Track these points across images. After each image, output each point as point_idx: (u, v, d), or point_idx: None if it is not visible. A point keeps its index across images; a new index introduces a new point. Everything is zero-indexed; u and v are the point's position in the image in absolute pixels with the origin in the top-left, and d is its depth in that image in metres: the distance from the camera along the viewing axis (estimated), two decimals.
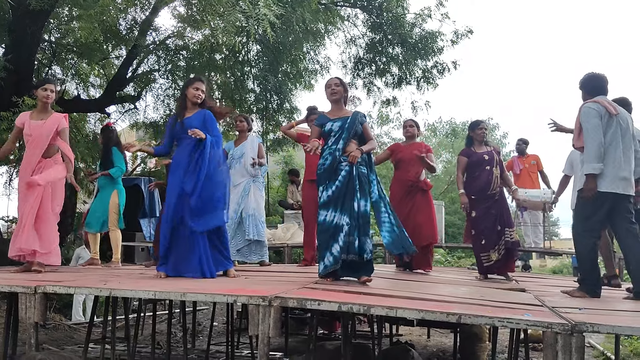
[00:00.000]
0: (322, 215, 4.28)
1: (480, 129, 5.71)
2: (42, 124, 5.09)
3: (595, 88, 4.33)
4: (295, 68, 10.73)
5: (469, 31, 10.51)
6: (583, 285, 4.24)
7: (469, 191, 5.63)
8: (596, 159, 4.04)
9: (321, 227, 4.29)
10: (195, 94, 4.73)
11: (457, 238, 19.33)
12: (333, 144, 4.38)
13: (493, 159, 5.55)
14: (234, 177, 6.31)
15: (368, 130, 4.56)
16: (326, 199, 4.28)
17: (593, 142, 4.06)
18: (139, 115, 11.65)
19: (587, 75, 4.42)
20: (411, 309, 3.03)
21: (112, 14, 7.96)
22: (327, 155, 4.36)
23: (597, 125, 4.07)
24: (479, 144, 5.71)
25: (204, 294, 3.55)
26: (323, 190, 4.31)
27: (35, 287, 3.70)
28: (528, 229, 9.07)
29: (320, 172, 4.36)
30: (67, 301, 8.36)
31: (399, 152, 6.13)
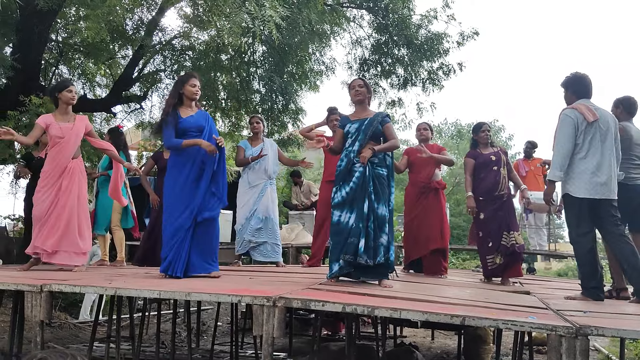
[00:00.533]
0: (337, 215, 4.28)
1: (483, 131, 5.70)
2: (72, 126, 5.18)
3: (578, 90, 4.34)
4: (301, 69, 10.74)
5: (475, 33, 10.50)
6: (585, 290, 4.21)
7: (476, 193, 5.58)
8: (559, 167, 4.17)
9: (336, 228, 4.27)
10: (193, 90, 4.71)
11: (462, 240, 19.32)
12: (350, 145, 4.39)
13: (500, 159, 5.52)
14: (252, 177, 6.37)
15: (391, 131, 4.46)
16: (340, 200, 4.28)
17: (560, 150, 4.18)
18: (144, 115, 11.70)
19: (571, 76, 4.41)
20: (415, 310, 3.03)
21: (118, 14, 8.01)
22: (343, 157, 4.39)
23: (569, 135, 4.14)
24: (484, 145, 5.69)
25: (209, 294, 3.56)
26: (337, 191, 4.32)
27: (41, 286, 3.72)
28: (532, 232, 9.05)
29: (337, 174, 4.39)
30: (73, 300, 8.40)
31: (411, 155, 6.17)
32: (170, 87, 11.18)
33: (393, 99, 11.48)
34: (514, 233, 5.38)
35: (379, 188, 4.27)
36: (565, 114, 4.23)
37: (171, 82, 11.11)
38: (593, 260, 4.17)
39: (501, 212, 5.41)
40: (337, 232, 4.26)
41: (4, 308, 5.58)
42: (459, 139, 29.53)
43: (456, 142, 29.66)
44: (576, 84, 4.36)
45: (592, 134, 4.15)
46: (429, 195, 5.99)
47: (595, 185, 4.11)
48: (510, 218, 5.44)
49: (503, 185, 5.44)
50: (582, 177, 4.13)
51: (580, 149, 4.16)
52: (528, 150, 9.18)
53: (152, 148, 13.81)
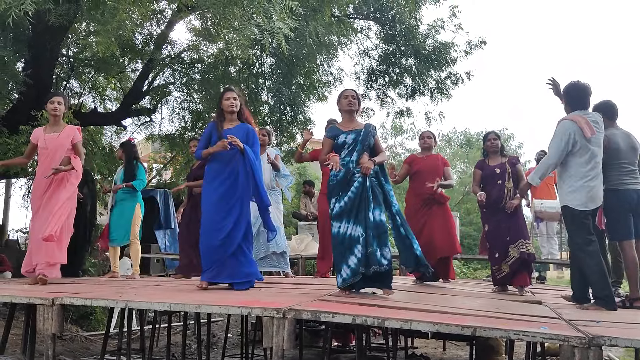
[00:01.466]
0: (336, 227, 4.26)
1: (489, 140, 5.68)
2: (57, 137, 5.18)
3: (576, 99, 4.33)
4: (309, 80, 10.80)
5: (482, 42, 10.52)
6: (598, 300, 4.17)
7: (481, 204, 5.63)
8: (541, 175, 4.37)
9: (335, 239, 4.26)
10: (227, 103, 4.77)
11: (473, 249, 19.18)
12: (346, 155, 4.36)
13: (505, 172, 5.47)
14: None
15: (379, 143, 4.60)
16: (339, 211, 4.26)
17: (547, 162, 4.30)
18: (154, 128, 11.81)
19: (570, 84, 4.40)
20: (426, 321, 3.01)
21: (128, 28, 8.10)
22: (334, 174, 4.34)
23: (561, 149, 4.21)
24: (493, 155, 5.67)
25: (219, 306, 3.56)
26: (335, 202, 4.28)
27: (52, 299, 3.74)
28: (544, 240, 8.98)
29: (332, 184, 4.33)
30: (84, 312, 8.42)
31: (415, 163, 6.11)
32: (179, 99, 11.33)
33: (401, 109, 11.50)
34: (523, 241, 5.34)
35: (378, 196, 4.32)
36: (563, 124, 4.26)
37: (180, 94, 11.24)
38: (601, 270, 4.13)
39: (505, 223, 5.39)
40: (339, 243, 4.23)
41: (16, 321, 5.61)
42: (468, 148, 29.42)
43: (465, 151, 29.55)
44: (571, 94, 4.36)
45: (592, 150, 4.20)
46: (433, 206, 5.93)
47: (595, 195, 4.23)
48: (518, 228, 5.40)
49: (508, 198, 5.41)
50: (583, 190, 4.20)
51: (580, 161, 4.20)
52: (540, 158, 9.12)
53: (162, 160, 13.93)
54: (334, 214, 4.27)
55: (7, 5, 4.65)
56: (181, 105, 11.34)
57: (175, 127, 11.47)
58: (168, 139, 11.61)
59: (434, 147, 6.26)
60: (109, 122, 10.93)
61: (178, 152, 12.27)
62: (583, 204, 4.18)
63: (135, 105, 10.65)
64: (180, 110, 11.36)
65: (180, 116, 11.37)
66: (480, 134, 32.75)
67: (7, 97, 8.17)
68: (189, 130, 11.26)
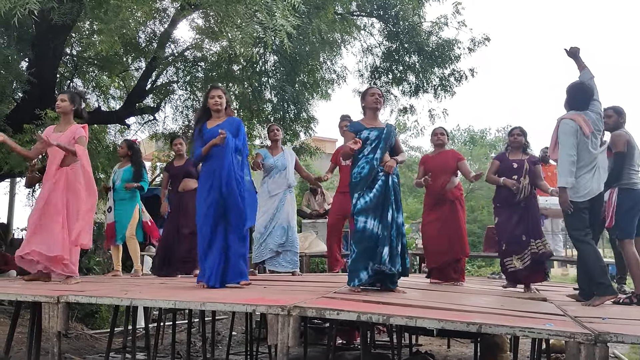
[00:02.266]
0: (362, 222, 4.23)
1: (512, 134, 5.67)
2: (60, 135, 5.14)
3: (577, 100, 4.46)
4: (312, 78, 10.78)
5: (486, 38, 10.47)
6: (599, 290, 4.21)
7: (495, 199, 5.65)
8: (569, 173, 4.31)
9: (361, 234, 4.23)
10: (212, 102, 4.80)
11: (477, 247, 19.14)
12: (370, 152, 4.37)
13: (522, 167, 5.45)
14: (272, 186, 6.37)
15: (399, 143, 4.69)
16: (363, 206, 4.25)
17: (567, 157, 4.30)
18: (158, 126, 11.81)
19: (576, 85, 4.52)
20: (431, 318, 3.01)
21: (132, 27, 8.12)
22: (363, 164, 4.35)
23: (572, 144, 4.29)
24: (515, 150, 5.64)
25: (223, 304, 3.56)
26: (359, 197, 4.28)
27: (58, 297, 3.75)
28: (549, 237, 8.95)
29: (356, 181, 4.33)
30: (89, 310, 8.46)
31: (427, 163, 6.11)
32: (183, 98, 11.33)
33: (405, 106, 11.47)
34: (539, 240, 5.34)
35: (398, 196, 4.40)
36: (565, 123, 4.38)
37: (184, 93, 11.24)
38: (600, 262, 4.28)
39: (516, 216, 5.38)
40: (363, 239, 4.21)
41: (21, 319, 5.63)
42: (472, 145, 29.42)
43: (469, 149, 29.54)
44: (574, 94, 4.49)
45: (589, 143, 4.34)
46: (445, 205, 5.90)
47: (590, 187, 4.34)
48: (532, 224, 5.40)
49: (522, 195, 5.39)
50: (581, 181, 4.33)
51: (580, 156, 4.32)
52: (545, 155, 9.10)
53: (165, 159, 13.94)
54: (357, 209, 4.26)
55: (12, 4, 4.66)
56: (184, 104, 11.35)
57: (179, 126, 11.48)
58: (171, 137, 11.62)
59: (446, 144, 6.25)
60: (113, 121, 10.93)
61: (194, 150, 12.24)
62: (581, 195, 4.31)
63: (138, 104, 10.66)
64: (183, 109, 11.36)
65: (183, 114, 11.37)
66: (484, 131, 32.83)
67: (11, 96, 8.19)
68: (192, 128, 11.25)
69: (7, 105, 7.92)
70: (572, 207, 4.30)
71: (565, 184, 4.33)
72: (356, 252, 4.24)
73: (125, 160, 6.75)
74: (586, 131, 4.31)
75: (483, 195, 25.25)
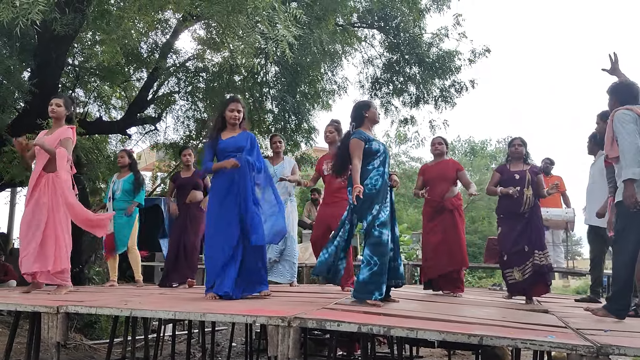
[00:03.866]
0: (385, 234, 4.17)
1: (513, 145, 5.67)
2: (49, 137, 5.11)
3: (626, 95, 4.20)
4: (313, 89, 10.82)
5: (487, 50, 10.52)
6: (609, 303, 4.07)
7: (498, 210, 5.63)
8: (636, 163, 3.86)
9: (384, 247, 4.15)
10: (231, 115, 4.77)
11: (478, 258, 19.10)
12: (380, 165, 4.35)
13: (524, 178, 5.44)
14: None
15: None
16: (385, 218, 4.22)
17: (631, 146, 3.91)
18: (159, 137, 11.83)
19: (620, 83, 4.31)
20: (432, 330, 2.99)
21: (133, 37, 8.16)
22: (377, 177, 4.28)
23: (634, 130, 3.95)
24: (516, 161, 5.64)
25: (223, 314, 3.54)
26: (381, 209, 4.20)
27: (57, 307, 3.74)
28: (550, 248, 8.93)
29: (371, 193, 4.22)
30: (88, 321, 8.42)
31: (426, 173, 6.11)
32: (184, 108, 11.36)
33: (405, 117, 11.50)
34: (540, 252, 5.32)
35: (395, 212, 4.47)
36: (622, 112, 4.04)
37: (185, 103, 11.28)
38: (628, 277, 3.98)
39: (519, 227, 5.36)
40: (385, 252, 4.16)
41: (20, 330, 5.60)
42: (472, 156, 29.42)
43: (470, 160, 29.53)
44: (626, 90, 4.24)
45: None
46: (444, 215, 5.88)
47: None
48: (535, 235, 5.37)
49: (526, 205, 5.38)
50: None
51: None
52: (547, 166, 9.12)
53: (166, 169, 13.95)
54: (381, 221, 4.19)
55: (15, 14, 4.68)
56: (186, 114, 11.39)
57: (180, 136, 11.52)
58: (173, 147, 11.64)
59: (445, 153, 6.23)
60: (114, 131, 10.95)
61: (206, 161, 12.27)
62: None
63: (140, 114, 10.69)
64: (184, 119, 11.40)
65: (184, 125, 11.41)
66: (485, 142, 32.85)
67: (13, 106, 8.21)
68: (193, 138, 11.29)
69: (8, 115, 7.94)
70: (639, 204, 3.84)
71: (632, 175, 3.85)
72: (378, 265, 4.11)
73: (125, 170, 6.78)
74: None
75: (484, 206, 25.20)
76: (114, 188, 6.73)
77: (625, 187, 3.88)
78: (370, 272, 4.11)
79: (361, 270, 4.16)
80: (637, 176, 3.84)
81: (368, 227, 4.19)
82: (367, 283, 4.11)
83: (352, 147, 4.33)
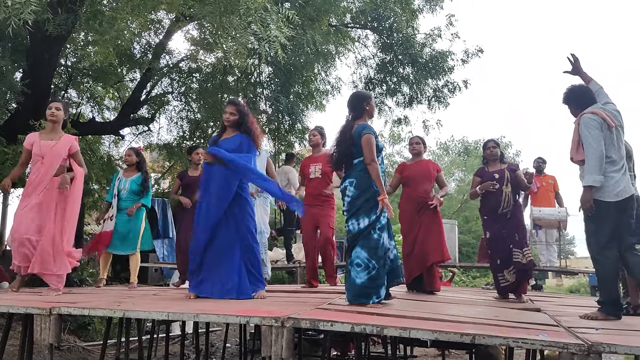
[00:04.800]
0: (384, 237, 4.15)
1: (488, 148, 5.75)
2: (54, 144, 5.08)
3: (582, 98, 4.24)
4: (307, 89, 10.85)
5: (480, 50, 10.60)
6: (603, 306, 4.05)
7: (482, 211, 5.71)
8: (598, 170, 3.92)
9: (383, 250, 4.14)
10: (224, 117, 4.92)
11: (472, 257, 19.18)
12: (381, 163, 4.33)
13: (503, 177, 5.52)
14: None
15: None
16: (384, 222, 4.19)
17: (596, 152, 3.95)
18: (152, 137, 11.83)
19: (569, 90, 4.32)
20: (425, 329, 3.00)
21: (126, 38, 8.13)
22: (381, 175, 4.23)
23: (599, 136, 3.98)
24: (492, 162, 5.71)
25: (217, 315, 3.54)
26: (381, 213, 4.15)
27: (50, 309, 3.72)
28: (543, 248, 8.98)
29: (378, 191, 4.17)
30: (82, 322, 8.38)
31: (406, 170, 6.12)
32: (177, 109, 11.35)
33: (399, 117, 11.55)
34: (523, 250, 5.37)
35: None
36: (587, 117, 4.06)
37: (179, 104, 11.27)
38: (614, 275, 4.02)
39: (505, 230, 5.42)
40: (383, 255, 4.14)
41: (13, 332, 5.57)
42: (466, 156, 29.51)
43: (463, 159, 29.63)
44: (577, 97, 4.28)
45: (614, 138, 4.06)
46: (425, 212, 5.90)
47: (622, 186, 3.99)
48: (517, 234, 5.42)
49: (506, 203, 5.44)
50: (610, 180, 3.99)
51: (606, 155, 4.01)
52: (539, 165, 9.15)
53: (160, 169, 13.93)
54: (382, 224, 4.16)
55: (7, 14, 4.66)
56: (179, 115, 11.38)
57: (174, 136, 11.51)
58: (166, 148, 11.63)
59: (423, 152, 6.26)
60: (107, 132, 10.93)
61: (176, 161, 12.27)
62: (610, 195, 3.96)
63: (133, 115, 10.67)
64: (178, 120, 11.40)
65: (178, 125, 11.41)
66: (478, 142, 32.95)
67: (5, 106, 8.18)
68: (187, 139, 11.28)
69: (1, 115, 7.92)
70: (594, 209, 3.90)
71: (592, 182, 3.90)
72: (377, 269, 4.06)
73: (132, 169, 6.62)
74: (610, 124, 3.99)
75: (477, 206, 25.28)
76: (119, 186, 6.51)
77: (584, 192, 3.95)
78: (369, 275, 4.04)
79: (358, 274, 4.06)
80: (597, 184, 3.92)
81: (367, 228, 4.11)
82: (365, 287, 4.04)
83: (368, 145, 4.13)
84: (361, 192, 4.16)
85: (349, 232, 4.23)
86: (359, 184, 4.17)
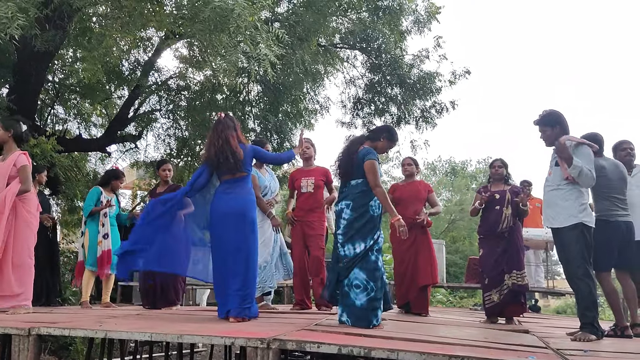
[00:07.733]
0: (380, 260, 4.15)
1: (493, 167, 5.75)
2: (2, 164, 4.96)
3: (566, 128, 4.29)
4: (296, 108, 10.87)
5: (467, 71, 10.71)
6: (583, 325, 4.01)
7: (479, 230, 5.70)
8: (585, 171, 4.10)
9: (381, 272, 4.13)
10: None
11: (459, 278, 19.14)
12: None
13: (504, 198, 5.50)
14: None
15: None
16: (381, 245, 4.19)
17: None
18: (139, 155, 11.74)
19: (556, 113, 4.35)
20: (413, 351, 2.96)
21: (115, 55, 8.12)
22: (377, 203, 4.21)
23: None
24: (497, 182, 5.70)
25: (201, 336, 3.47)
26: (379, 236, 4.16)
27: (29, 329, 3.62)
28: (531, 269, 8.98)
29: (377, 215, 4.17)
30: (62, 343, 8.20)
31: (397, 191, 6.11)
32: (165, 126, 11.31)
33: None
34: (517, 272, 5.34)
35: None
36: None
37: (166, 121, 11.22)
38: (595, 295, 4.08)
39: (499, 248, 5.39)
40: (381, 277, 4.13)
41: None
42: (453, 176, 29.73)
43: (450, 180, 29.82)
44: (564, 121, 4.33)
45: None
46: (416, 232, 5.85)
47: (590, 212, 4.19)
48: (513, 256, 5.40)
49: (504, 224, 5.42)
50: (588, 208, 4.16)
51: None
52: (524, 189, 9.19)
53: (146, 187, 13.81)
54: (379, 246, 4.16)
55: None
56: (167, 132, 11.33)
57: (161, 154, 11.43)
58: (153, 165, 11.54)
59: (416, 174, 6.26)
60: (94, 149, 10.85)
61: None
62: (591, 220, 4.14)
63: (120, 132, 10.61)
64: (165, 137, 11.34)
65: (165, 142, 11.34)
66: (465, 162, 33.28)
67: None
68: (174, 157, 11.21)
69: None
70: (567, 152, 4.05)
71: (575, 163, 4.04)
72: (375, 291, 4.05)
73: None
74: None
75: (465, 226, 25.37)
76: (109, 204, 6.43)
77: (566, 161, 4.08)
78: (368, 297, 4.02)
79: (357, 296, 4.02)
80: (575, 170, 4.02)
81: (365, 251, 4.07)
82: (366, 309, 4.02)
83: (373, 171, 4.13)
84: (358, 216, 4.12)
85: (344, 257, 4.12)
86: (356, 206, 4.14)
